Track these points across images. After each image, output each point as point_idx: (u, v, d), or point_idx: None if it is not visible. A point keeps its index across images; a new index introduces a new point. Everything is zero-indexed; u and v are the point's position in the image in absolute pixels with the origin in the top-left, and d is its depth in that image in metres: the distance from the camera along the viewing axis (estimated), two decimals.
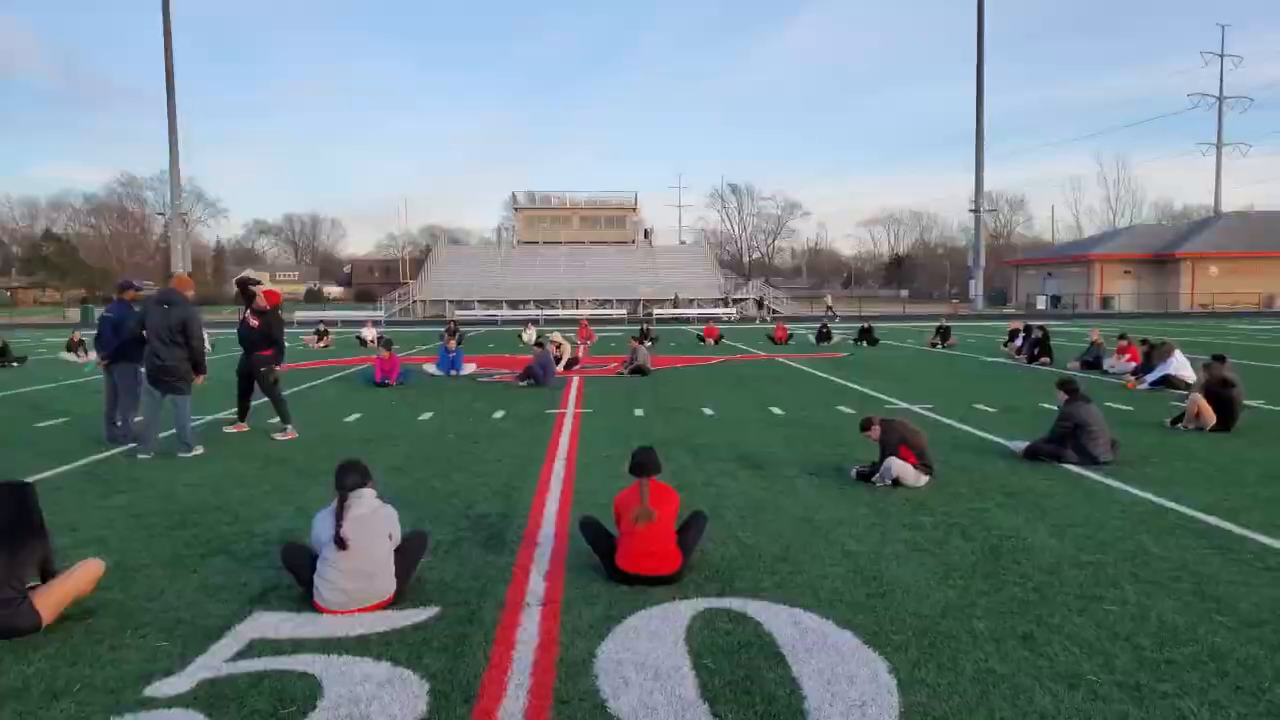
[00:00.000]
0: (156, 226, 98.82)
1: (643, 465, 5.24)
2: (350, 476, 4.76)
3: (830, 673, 3.79)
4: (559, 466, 8.38)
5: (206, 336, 9.87)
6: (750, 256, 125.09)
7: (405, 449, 9.40)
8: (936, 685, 3.66)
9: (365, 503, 4.72)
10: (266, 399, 10.47)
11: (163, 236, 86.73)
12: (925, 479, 7.31)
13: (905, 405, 12.42)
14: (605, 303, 57.24)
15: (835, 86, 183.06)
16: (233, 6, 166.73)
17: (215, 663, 3.98)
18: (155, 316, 9.01)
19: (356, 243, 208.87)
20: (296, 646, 4.16)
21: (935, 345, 24.58)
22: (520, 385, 15.27)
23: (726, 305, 56.03)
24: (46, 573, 4.51)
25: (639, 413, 11.95)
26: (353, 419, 11.64)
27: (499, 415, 11.82)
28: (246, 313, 10.22)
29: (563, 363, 18.02)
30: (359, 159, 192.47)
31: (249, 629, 4.37)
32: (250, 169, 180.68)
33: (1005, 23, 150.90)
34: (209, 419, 11.35)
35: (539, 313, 52.07)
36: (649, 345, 23.42)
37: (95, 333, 10.26)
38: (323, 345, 26.87)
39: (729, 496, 7.04)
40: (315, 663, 3.97)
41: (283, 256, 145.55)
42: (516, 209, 74.40)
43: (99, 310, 14.00)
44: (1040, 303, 65.70)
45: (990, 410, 11.86)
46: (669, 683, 3.73)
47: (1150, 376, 14.24)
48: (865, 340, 25.59)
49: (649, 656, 3.99)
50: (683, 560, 5.02)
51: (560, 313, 53.34)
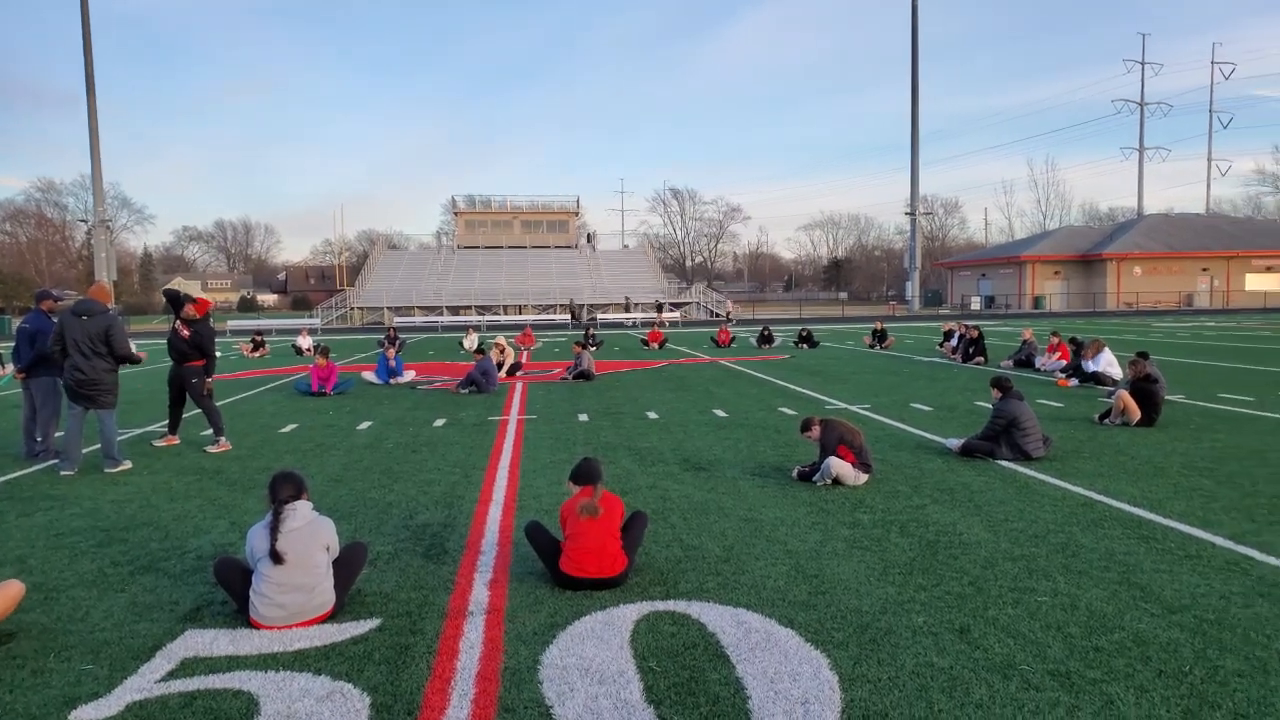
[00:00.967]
0: (78, 234, 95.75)
1: (588, 474, 5.23)
2: (285, 489, 4.65)
3: (774, 671, 3.83)
4: (502, 474, 8.32)
5: (133, 345, 9.53)
6: (693, 260, 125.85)
7: (343, 459, 9.24)
8: (877, 680, 3.72)
9: (301, 515, 4.62)
10: (199, 411, 10.19)
11: (85, 244, 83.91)
12: (864, 477, 7.43)
13: (844, 405, 12.62)
14: (550, 308, 57.04)
15: (775, 92, 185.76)
16: (159, 6, 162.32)
17: (145, 684, 3.85)
18: (74, 328, 8.67)
19: (291, 249, 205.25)
20: (232, 664, 4.05)
21: (873, 346, 25.03)
22: (462, 392, 15.13)
23: (672, 310, 56.24)
24: None
25: (583, 418, 11.93)
26: (289, 429, 11.40)
27: (440, 423, 11.69)
28: (177, 323, 9.93)
29: (505, 369, 17.91)
30: (293, 164, 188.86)
31: (181, 647, 4.24)
32: (179, 175, 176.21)
33: (939, 30, 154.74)
34: (138, 432, 11.00)
35: (481, 319, 51.65)
36: (593, 350, 23.42)
37: (12, 345, 9.85)
38: (259, 355, 26.26)
39: (673, 499, 7.07)
40: (252, 679, 3.87)
41: (215, 264, 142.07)
42: (456, 213, 73.72)
43: (15, 321, 13.44)
44: (974, 303, 67.52)
45: (926, 409, 12.11)
46: (614, 687, 3.73)
47: (1079, 373, 14.68)
48: (805, 343, 25.94)
49: (594, 661, 3.99)
50: (627, 562, 5.03)
51: (503, 318, 52.97)
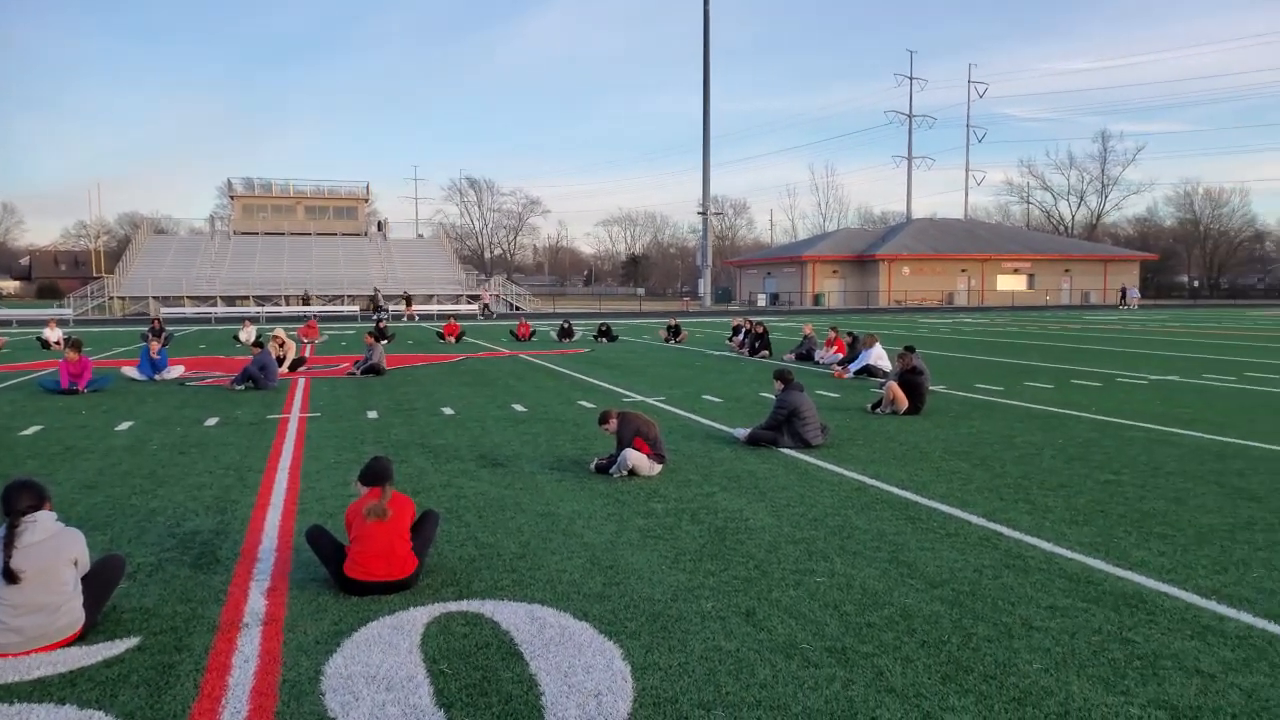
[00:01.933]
0: None
1: (379, 474, 5.00)
2: (22, 499, 4.12)
3: (567, 665, 3.83)
4: (282, 475, 7.82)
5: None
6: (492, 252, 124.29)
7: (98, 463, 8.35)
8: (668, 667, 3.81)
9: (42, 528, 4.10)
10: None
11: None
12: (658, 468, 7.63)
13: (641, 398, 12.90)
14: (337, 299, 54.37)
15: (575, 87, 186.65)
16: None
17: None
18: None
19: (37, 231, 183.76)
20: None
21: (668, 340, 25.76)
22: (237, 388, 14.10)
23: (470, 302, 55.25)
24: None
25: (372, 415, 11.46)
26: (31, 432, 10.16)
27: (212, 422, 10.84)
28: None
29: (286, 363, 16.89)
30: (38, 136, 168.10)
31: None
32: None
33: (731, 35, 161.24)
34: None
35: (260, 310, 48.42)
36: (385, 344, 22.56)
37: None
38: None
39: (468, 497, 6.93)
40: None
41: None
42: (232, 196, 68.60)
43: None
44: (761, 300, 71.17)
45: (717, 400, 12.61)
46: (402, 693, 3.59)
47: (854, 365, 15.82)
48: (604, 337, 26.29)
49: (381, 668, 3.82)
50: (417, 564, 4.86)
51: (284, 309, 49.94)
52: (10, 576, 3.92)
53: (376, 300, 50.17)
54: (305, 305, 47.99)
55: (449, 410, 11.78)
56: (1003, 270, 71.23)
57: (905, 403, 10.94)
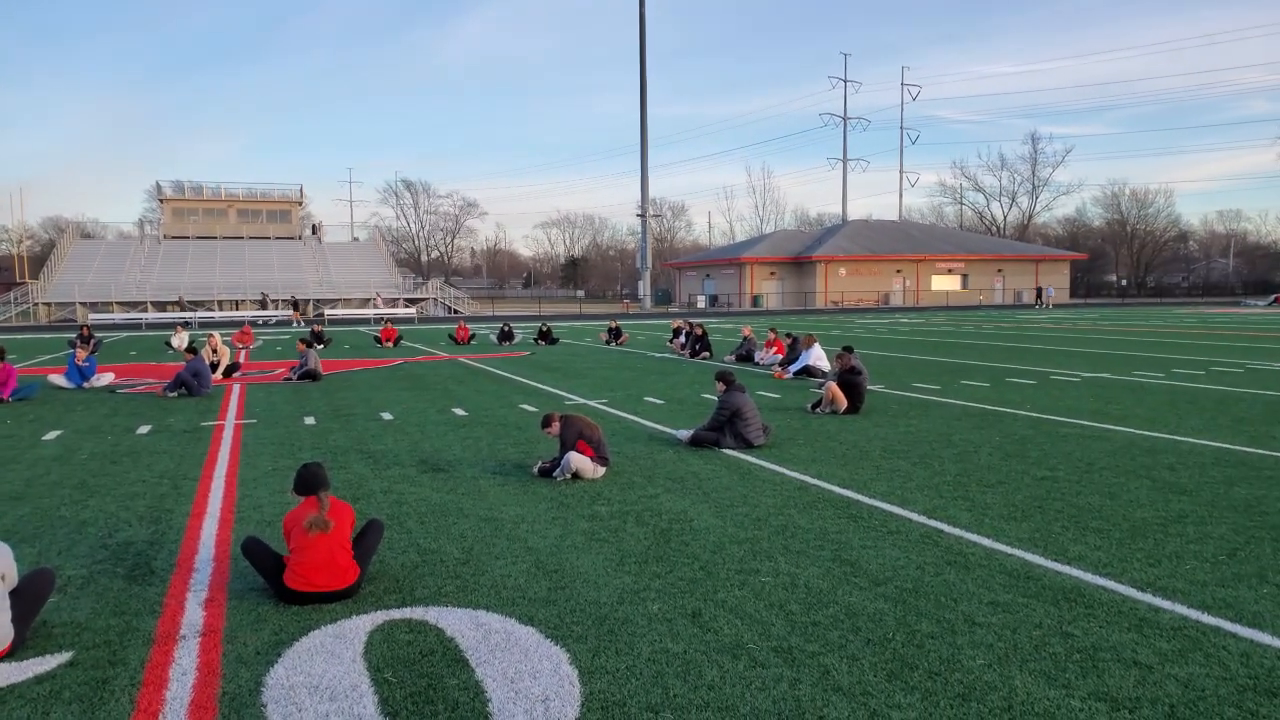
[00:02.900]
0: None
1: (312, 482, 4.92)
2: None
3: (514, 671, 3.83)
4: (218, 484, 7.64)
5: None
6: (429, 255, 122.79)
7: (25, 473, 8.05)
8: (615, 670, 3.84)
9: None
10: None
11: None
12: (602, 470, 7.65)
13: (583, 400, 12.90)
14: (274, 303, 53.13)
15: (510, 88, 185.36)
16: None
17: None
18: None
19: None
20: None
21: (609, 343, 25.80)
22: (170, 395, 13.71)
23: (407, 305, 54.51)
24: None
25: (310, 421, 11.25)
26: None
27: (144, 430, 10.52)
28: None
29: (220, 369, 16.48)
30: None
31: None
32: None
33: (666, 38, 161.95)
34: None
35: (192, 315, 47.09)
36: (320, 348, 22.15)
37: None
38: None
39: (410, 503, 6.86)
40: None
41: None
42: (162, 200, 66.59)
43: None
44: (700, 302, 71.71)
45: (659, 402, 12.67)
46: (346, 703, 3.55)
47: (794, 366, 16.05)
48: (545, 339, 26.20)
49: (324, 678, 3.77)
50: (359, 573, 4.81)
51: (217, 314, 48.64)
52: None
53: (264, 304, 49.34)
54: (295, 308, 46.53)
55: (388, 415, 11.63)
56: (937, 270, 72.85)
57: (844, 402, 11.14)
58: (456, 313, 56.16)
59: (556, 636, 4.20)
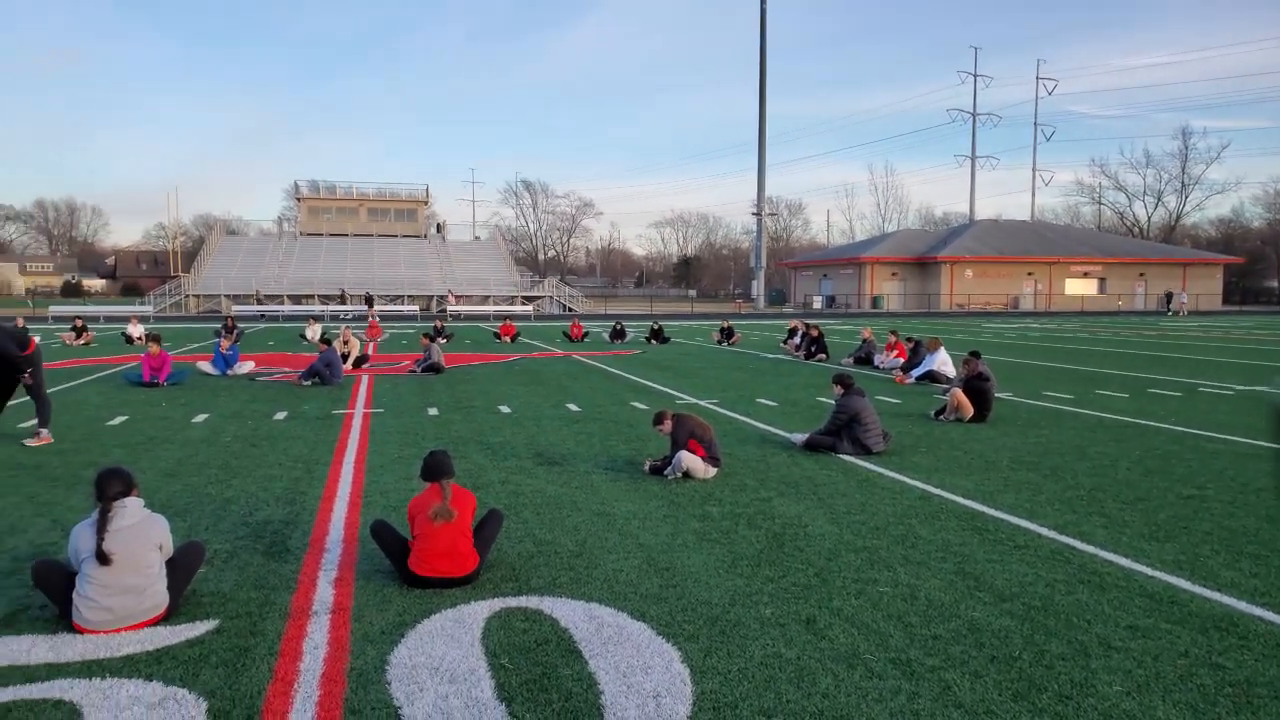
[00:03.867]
0: None
1: (438, 469, 5.11)
2: (113, 485, 4.33)
3: (626, 665, 3.86)
4: (347, 469, 8.01)
5: None
6: (546, 254, 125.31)
7: (177, 453, 8.65)
8: (727, 672, 3.82)
9: (130, 513, 4.30)
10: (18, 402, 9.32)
11: None
12: (713, 471, 7.62)
13: (694, 400, 12.90)
14: (397, 298, 55.35)
15: (627, 89, 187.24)
16: None
17: None
18: None
19: (121, 232, 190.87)
20: (52, 672, 3.74)
21: (721, 343, 25.70)
22: (304, 384, 14.47)
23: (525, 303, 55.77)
24: None
25: (433, 412, 11.66)
26: (117, 422, 10.57)
27: (281, 416, 11.14)
28: None
29: (351, 360, 17.26)
30: (122, 143, 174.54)
31: None
32: None
33: (787, 34, 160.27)
34: None
35: (324, 308, 49.51)
36: (443, 342, 22.91)
37: None
38: (82, 343, 24.21)
39: (526, 495, 7.02)
40: (74, 688, 3.58)
41: (34, 245, 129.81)
42: (299, 199, 70.30)
43: None
44: (817, 302, 70.52)
45: (772, 404, 12.54)
46: (465, 685, 3.66)
47: (917, 370, 15.59)
48: (656, 338, 26.33)
49: (444, 660, 3.90)
50: (479, 560, 4.95)
51: (348, 308, 50.96)
52: (102, 558, 4.12)
53: (343, 299, 51.46)
54: (368, 306, 48.64)
55: (505, 408, 11.93)
56: (1071, 274, 69.41)
57: (970, 410, 10.76)
58: (571, 310, 57.10)
59: (668, 634, 4.22)
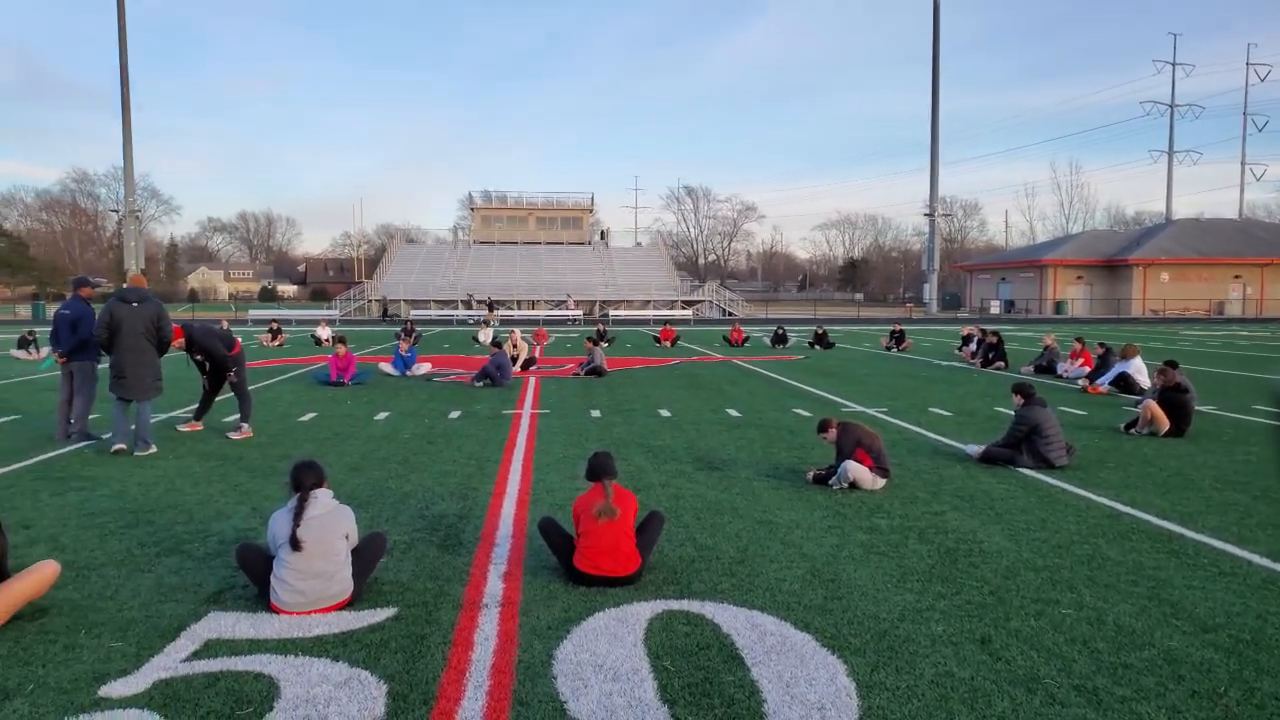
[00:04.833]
0: (110, 223, 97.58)
1: (601, 469, 5.21)
2: (308, 476, 4.68)
3: (789, 675, 3.79)
4: (516, 467, 8.30)
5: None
6: (706, 259, 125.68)
7: (361, 448, 9.25)
8: (895, 688, 3.68)
9: (322, 503, 4.64)
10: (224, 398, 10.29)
11: (116, 233, 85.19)
12: (881, 482, 7.37)
13: (861, 408, 12.54)
14: (561, 303, 57.04)
15: (789, 90, 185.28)
16: (174, 2, 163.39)
17: (170, 663, 3.88)
18: (126, 315, 8.79)
19: (311, 241, 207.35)
20: (253, 647, 4.07)
21: (890, 349, 24.90)
22: (476, 385, 15.14)
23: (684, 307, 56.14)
24: (0, 571, 4.38)
25: (595, 414, 11.91)
26: (308, 418, 11.43)
27: (455, 415, 11.70)
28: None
29: (519, 363, 17.91)
30: (312, 158, 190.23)
31: (204, 629, 4.27)
32: (203, 166, 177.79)
33: (960, 27, 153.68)
34: (162, 417, 11.05)
35: (494, 312, 51.69)
36: (605, 346, 23.40)
37: (50, 330, 9.96)
38: (277, 344, 26.44)
39: (686, 499, 7.03)
40: (272, 663, 3.88)
41: (237, 254, 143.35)
42: (473, 208, 73.90)
43: (50, 307, 13.65)
44: (994, 307, 66.99)
45: (945, 414, 12.02)
46: (628, 685, 3.70)
47: (1108, 375, 14.50)
48: (819, 344, 25.82)
49: (608, 658, 3.96)
50: (641, 561, 5.00)
51: (516, 313, 52.98)
52: (297, 544, 4.45)
53: (469, 304, 52.62)
54: (489, 310, 49.60)
55: (666, 412, 12.02)
56: None
57: (1166, 423, 9.91)
58: (731, 315, 56.98)
59: (833, 646, 4.10)
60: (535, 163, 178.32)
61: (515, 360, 17.77)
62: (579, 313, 53.01)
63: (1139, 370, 14.19)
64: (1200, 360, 21.35)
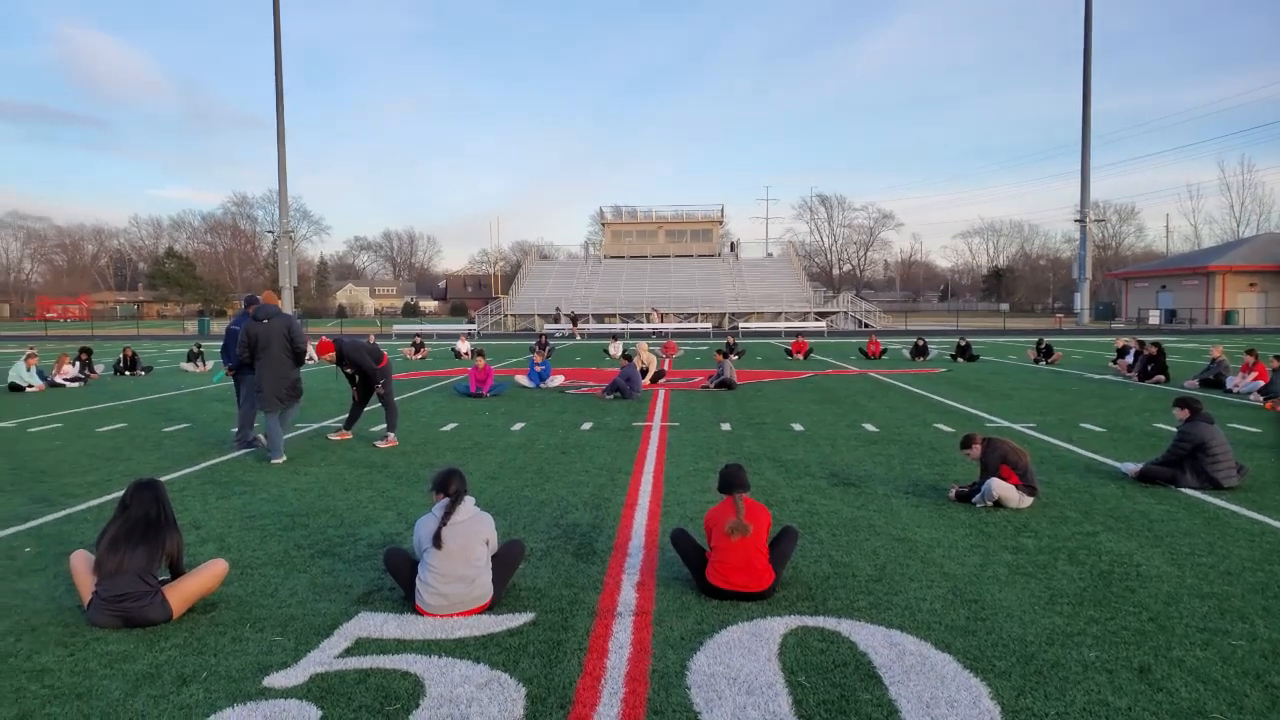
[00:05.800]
0: (266, 243, 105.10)
1: (733, 482, 5.20)
2: (454, 483, 4.90)
3: (929, 696, 3.68)
4: (647, 478, 8.39)
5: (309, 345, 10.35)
6: (840, 269, 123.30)
7: (498, 458, 9.57)
8: (1044, 715, 3.51)
9: (465, 510, 4.83)
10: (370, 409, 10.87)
11: (271, 253, 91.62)
12: (1028, 500, 7.04)
13: (1006, 423, 12.01)
14: (690, 316, 57.19)
15: (928, 94, 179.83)
16: (328, 32, 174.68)
17: (325, 658, 4.14)
18: (262, 332, 9.45)
19: (451, 258, 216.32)
20: (400, 646, 4.28)
21: (1038, 361, 23.72)
22: (607, 398, 15.37)
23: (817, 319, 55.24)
24: (176, 567, 4.81)
25: (726, 427, 11.88)
26: (449, 428, 11.92)
27: (587, 426, 11.92)
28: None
29: (649, 376, 18.07)
30: (452, 178, 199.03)
31: (355, 628, 4.53)
32: (351, 188, 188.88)
33: (1113, 22, 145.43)
34: (315, 426, 11.77)
35: (624, 326, 52.38)
36: (734, 359, 23.30)
37: (221, 344, 10.83)
38: (420, 357, 27.70)
39: (821, 514, 6.92)
40: (417, 663, 4.08)
41: (382, 272, 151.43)
42: (603, 223, 75.20)
43: (214, 323, 14.89)
44: (1153, 317, 62.67)
45: (1098, 430, 11.35)
46: (762, 698, 3.68)
47: None
48: (962, 356, 24.86)
49: (741, 671, 3.95)
50: (775, 577, 4.96)
51: (644, 326, 53.51)
52: (438, 542, 4.66)
53: (556, 318, 52.52)
54: (572, 324, 50.04)
55: (798, 426, 11.86)
56: None
57: None
58: (867, 326, 55.65)
59: (976, 668, 3.95)
60: (665, 177, 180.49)
61: (645, 373, 17.95)
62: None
63: None
64: None
